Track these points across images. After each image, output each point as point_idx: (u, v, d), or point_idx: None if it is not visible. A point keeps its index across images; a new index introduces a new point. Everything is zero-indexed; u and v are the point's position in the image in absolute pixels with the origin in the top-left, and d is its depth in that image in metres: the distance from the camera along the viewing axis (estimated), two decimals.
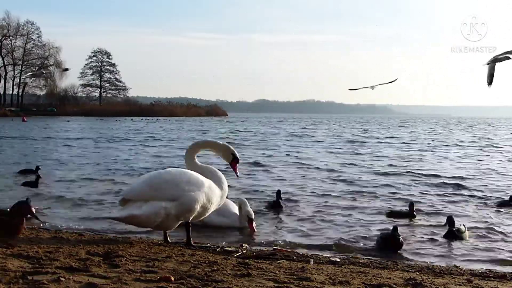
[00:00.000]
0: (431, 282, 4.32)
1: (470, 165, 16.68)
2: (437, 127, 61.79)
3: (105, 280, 3.85)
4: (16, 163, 15.19)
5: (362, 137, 34.11)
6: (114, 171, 13.66)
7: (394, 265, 5.42)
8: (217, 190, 5.82)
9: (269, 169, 14.70)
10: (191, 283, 3.88)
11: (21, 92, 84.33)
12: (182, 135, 34.16)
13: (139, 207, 5.45)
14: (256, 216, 7.25)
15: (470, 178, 13.09)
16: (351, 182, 12.16)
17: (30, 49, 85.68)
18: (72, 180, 11.74)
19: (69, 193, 9.87)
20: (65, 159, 16.91)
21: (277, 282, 4.06)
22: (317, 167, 15.19)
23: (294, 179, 12.51)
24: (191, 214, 5.64)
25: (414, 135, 38.39)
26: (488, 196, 10.22)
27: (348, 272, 4.70)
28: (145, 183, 5.63)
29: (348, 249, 6.31)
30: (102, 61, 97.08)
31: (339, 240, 6.63)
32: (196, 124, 56.78)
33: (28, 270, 4.02)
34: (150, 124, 53.92)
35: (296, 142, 28.56)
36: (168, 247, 5.50)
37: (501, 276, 5.01)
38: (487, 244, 6.63)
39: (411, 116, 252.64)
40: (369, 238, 6.75)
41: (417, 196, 10.21)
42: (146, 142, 26.30)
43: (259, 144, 26.20)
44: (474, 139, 33.52)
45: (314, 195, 10.19)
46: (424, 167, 15.67)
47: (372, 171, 14.47)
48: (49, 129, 39.81)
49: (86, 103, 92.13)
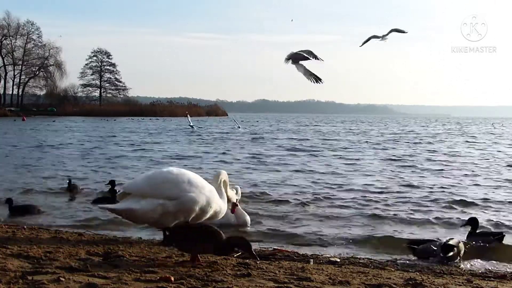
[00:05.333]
0: (431, 282, 4.31)
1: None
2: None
3: (105, 280, 3.85)
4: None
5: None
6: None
7: (394, 265, 5.42)
8: (218, 198, 5.83)
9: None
10: (191, 283, 3.88)
11: (21, 92, 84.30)
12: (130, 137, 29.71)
13: (138, 201, 5.50)
14: (256, 216, 7.24)
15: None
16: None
17: (30, 49, 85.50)
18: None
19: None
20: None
21: (277, 282, 4.06)
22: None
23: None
24: (190, 214, 5.64)
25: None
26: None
27: (348, 272, 4.70)
28: (147, 180, 5.66)
29: (352, 249, 6.32)
30: (102, 61, 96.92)
31: (346, 240, 6.65)
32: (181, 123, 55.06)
33: (28, 270, 4.02)
34: (143, 124, 53.70)
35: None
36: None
37: (501, 276, 5.02)
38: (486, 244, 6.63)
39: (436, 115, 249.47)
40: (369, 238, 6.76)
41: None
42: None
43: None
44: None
45: (318, 195, 10.21)
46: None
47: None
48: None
49: (86, 103, 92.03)
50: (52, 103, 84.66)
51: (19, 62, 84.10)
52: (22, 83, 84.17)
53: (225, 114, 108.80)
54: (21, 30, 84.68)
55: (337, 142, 28.67)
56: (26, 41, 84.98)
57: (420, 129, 53.16)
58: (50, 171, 13.56)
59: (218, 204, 5.83)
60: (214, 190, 5.82)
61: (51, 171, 13.56)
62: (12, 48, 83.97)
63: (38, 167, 14.51)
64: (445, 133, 42.40)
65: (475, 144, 28.15)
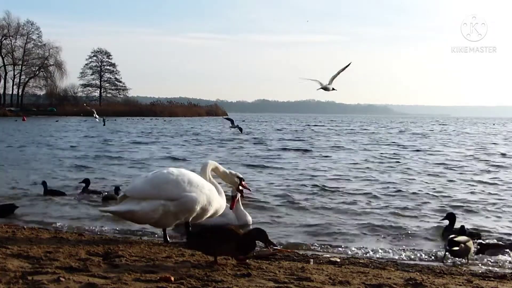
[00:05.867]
0: (431, 282, 4.31)
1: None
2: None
3: (105, 280, 3.85)
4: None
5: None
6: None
7: (394, 265, 5.42)
8: (217, 196, 5.86)
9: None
10: (191, 283, 3.88)
11: (21, 92, 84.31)
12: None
13: (139, 203, 5.51)
14: (255, 215, 7.20)
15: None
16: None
17: (30, 49, 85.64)
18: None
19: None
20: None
21: (277, 282, 4.06)
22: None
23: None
24: (191, 214, 5.66)
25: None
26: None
27: (348, 272, 4.69)
28: (146, 182, 5.66)
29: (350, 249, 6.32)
30: (102, 61, 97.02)
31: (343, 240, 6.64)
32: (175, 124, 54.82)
33: (28, 270, 4.02)
34: (139, 124, 53.76)
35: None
36: (168, 247, 5.50)
37: (501, 276, 5.01)
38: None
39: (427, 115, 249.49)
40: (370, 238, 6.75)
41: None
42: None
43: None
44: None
45: (317, 194, 10.20)
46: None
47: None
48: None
49: (86, 103, 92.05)
50: (52, 103, 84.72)
51: (19, 62, 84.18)
52: (22, 83, 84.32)
53: (225, 114, 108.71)
54: (21, 30, 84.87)
55: (329, 142, 28.57)
56: (26, 41, 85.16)
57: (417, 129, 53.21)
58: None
59: (218, 201, 5.86)
60: (214, 189, 5.85)
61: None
62: (12, 48, 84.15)
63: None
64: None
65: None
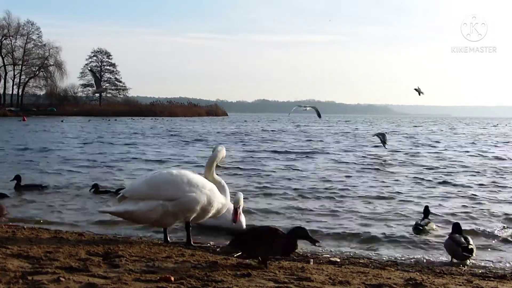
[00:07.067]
0: (431, 282, 4.31)
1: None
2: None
3: (105, 280, 3.85)
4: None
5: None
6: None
7: (394, 265, 5.42)
8: (219, 195, 5.83)
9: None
10: (191, 283, 3.88)
11: (21, 92, 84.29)
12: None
13: (137, 203, 5.53)
14: (256, 215, 7.21)
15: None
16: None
17: (30, 49, 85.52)
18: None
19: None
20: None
21: (277, 282, 4.06)
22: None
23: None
24: (191, 214, 5.66)
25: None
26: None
27: (348, 272, 4.69)
28: (145, 183, 5.67)
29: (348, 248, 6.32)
30: (102, 61, 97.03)
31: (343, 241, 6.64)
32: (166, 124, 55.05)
33: (28, 270, 4.02)
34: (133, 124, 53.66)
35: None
36: (168, 247, 5.50)
37: (501, 276, 5.02)
38: (487, 244, 6.64)
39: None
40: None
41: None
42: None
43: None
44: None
45: (323, 194, 10.21)
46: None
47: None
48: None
49: (86, 103, 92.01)
50: (52, 103, 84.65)
51: (19, 62, 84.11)
52: (22, 83, 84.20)
53: (225, 114, 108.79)
54: (21, 30, 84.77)
55: (325, 143, 28.49)
56: (26, 41, 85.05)
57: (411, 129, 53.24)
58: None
59: (220, 201, 5.84)
60: (215, 188, 5.82)
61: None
62: (12, 48, 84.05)
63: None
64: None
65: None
